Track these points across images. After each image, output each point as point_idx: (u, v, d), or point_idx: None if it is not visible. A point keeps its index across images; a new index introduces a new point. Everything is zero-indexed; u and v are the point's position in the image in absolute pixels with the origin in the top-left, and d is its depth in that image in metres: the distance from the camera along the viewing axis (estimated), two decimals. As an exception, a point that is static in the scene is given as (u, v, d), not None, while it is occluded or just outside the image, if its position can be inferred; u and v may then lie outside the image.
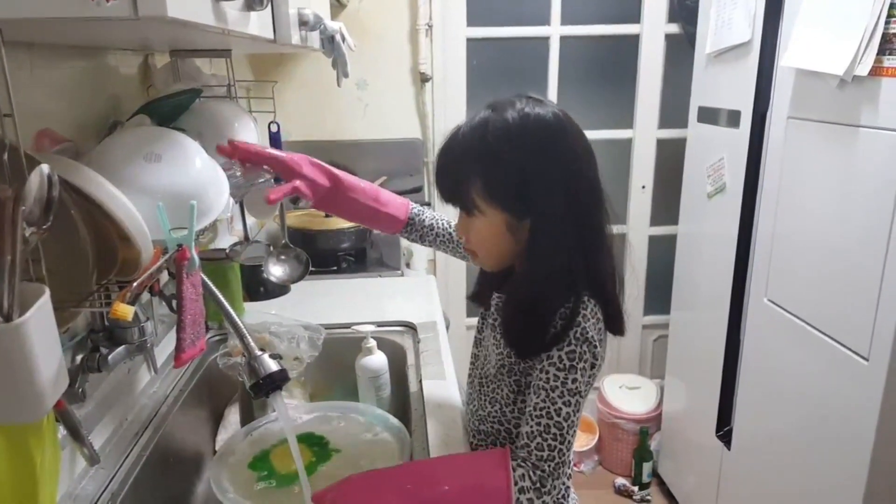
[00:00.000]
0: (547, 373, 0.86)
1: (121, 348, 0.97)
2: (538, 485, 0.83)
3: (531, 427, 0.86)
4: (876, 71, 1.29)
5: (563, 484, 1.03)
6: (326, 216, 2.13)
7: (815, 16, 1.48)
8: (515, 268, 0.96)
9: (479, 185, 0.87)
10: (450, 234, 1.18)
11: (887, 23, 1.27)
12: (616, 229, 0.96)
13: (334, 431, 1.20)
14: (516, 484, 0.82)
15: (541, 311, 0.87)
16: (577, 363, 0.85)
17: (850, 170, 1.39)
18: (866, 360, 1.34)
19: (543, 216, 0.87)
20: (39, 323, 0.57)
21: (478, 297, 1.09)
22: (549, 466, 0.85)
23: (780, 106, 1.65)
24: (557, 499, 1.02)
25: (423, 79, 2.44)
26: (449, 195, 0.92)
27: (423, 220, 1.18)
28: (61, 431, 0.85)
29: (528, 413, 0.87)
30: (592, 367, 0.88)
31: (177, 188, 0.83)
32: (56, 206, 0.57)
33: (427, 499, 0.82)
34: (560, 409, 0.85)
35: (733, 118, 1.87)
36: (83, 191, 0.68)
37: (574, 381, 0.85)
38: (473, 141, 0.87)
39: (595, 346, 0.87)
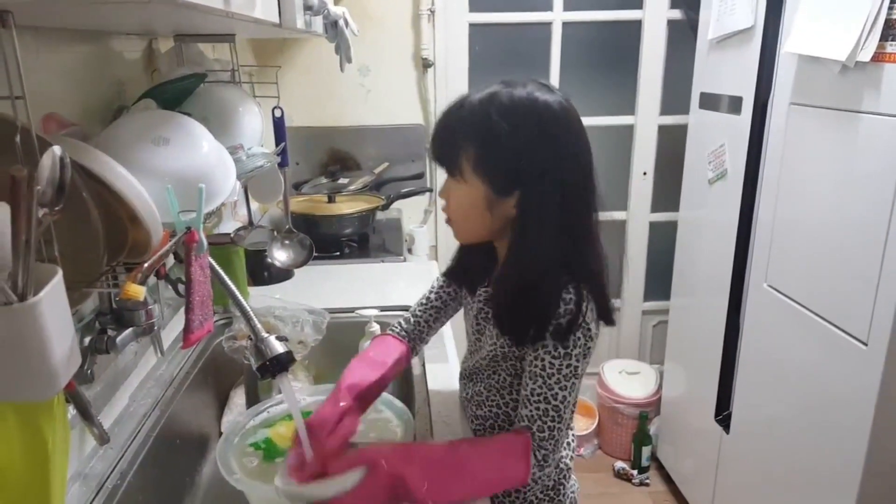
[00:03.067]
0: (542, 360, 0.87)
1: (128, 330, 0.97)
2: (541, 461, 0.89)
3: (530, 411, 0.88)
4: (878, 57, 1.29)
5: (566, 465, 1.05)
6: (329, 202, 2.14)
7: (818, 2, 1.48)
8: (499, 256, 0.97)
9: (471, 154, 0.87)
10: (443, 301, 1.14)
11: (890, 8, 1.27)
12: (616, 215, 0.97)
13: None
14: None
15: (533, 298, 0.87)
16: (572, 350, 0.87)
17: (851, 156, 1.39)
18: (865, 344, 1.36)
19: (532, 200, 0.87)
20: (53, 302, 0.58)
21: (455, 278, 1.09)
22: (550, 445, 0.89)
23: (781, 92, 1.65)
24: (559, 479, 1.04)
25: (425, 64, 2.43)
26: (440, 155, 0.92)
27: (414, 329, 1.13)
28: (71, 411, 0.86)
29: (526, 397, 0.89)
30: (587, 347, 0.89)
31: (185, 171, 0.84)
32: (68, 188, 0.57)
33: (451, 477, 0.85)
34: (557, 393, 0.87)
35: (735, 104, 1.87)
36: (94, 173, 0.69)
37: (569, 366, 0.87)
38: (477, 111, 0.87)
39: (589, 332, 0.88)
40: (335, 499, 0.79)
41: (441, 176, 0.94)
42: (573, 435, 1.08)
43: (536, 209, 0.87)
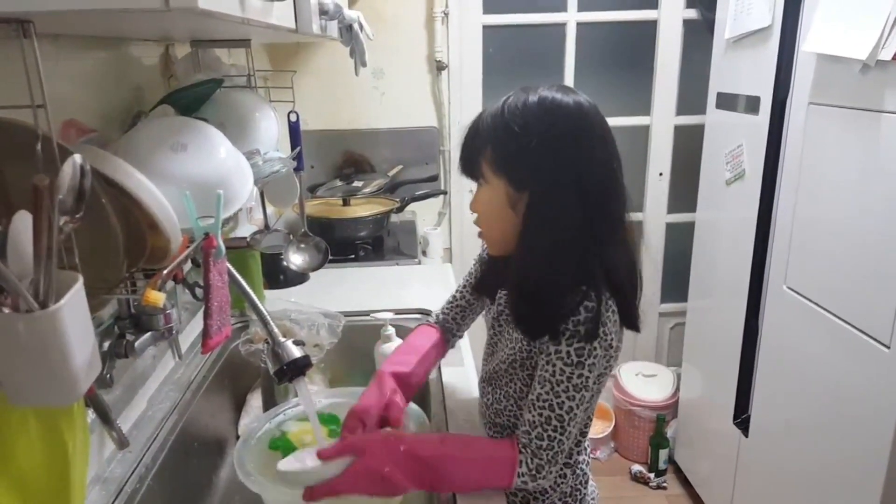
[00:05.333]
0: (554, 366, 0.86)
1: (147, 335, 0.98)
2: (534, 471, 0.88)
3: (533, 416, 0.88)
4: (900, 55, 1.27)
5: (582, 471, 1.04)
6: (344, 205, 2.15)
7: (837, 0, 1.46)
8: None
9: (489, 155, 0.89)
10: (467, 301, 1.17)
11: (912, 6, 1.25)
12: (633, 217, 0.95)
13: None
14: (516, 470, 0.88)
15: (547, 292, 0.87)
16: (586, 360, 0.85)
17: (872, 156, 1.37)
18: (888, 347, 1.33)
19: (541, 197, 0.86)
20: (74, 309, 0.59)
21: (481, 289, 1.10)
22: (546, 455, 0.87)
23: (800, 91, 1.63)
24: (576, 485, 1.03)
25: (439, 67, 2.43)
26: (464, 164, 0.94)
27: (443, 324, 1.18)
28: (90, 416, 0.87)
29: (531, 401, 0.88)
30: (606, 359, 0.88)
31: (203, 177, 0.84)
32: (88, 196, 0.58)
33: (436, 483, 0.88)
34: (563, 402, 0.86)
35: (752, 104, 1.85)
36: (113, 180, 0.70)
37: (580, 376, 0.86)
38: (492, 116, 0.89)
39: (608, 343, 0.87)
40: (328, 482, 0.84)
41: (456, 177, 0.95)
42: (588, 439, 1.06)
43: (544, 207, 0.87)
